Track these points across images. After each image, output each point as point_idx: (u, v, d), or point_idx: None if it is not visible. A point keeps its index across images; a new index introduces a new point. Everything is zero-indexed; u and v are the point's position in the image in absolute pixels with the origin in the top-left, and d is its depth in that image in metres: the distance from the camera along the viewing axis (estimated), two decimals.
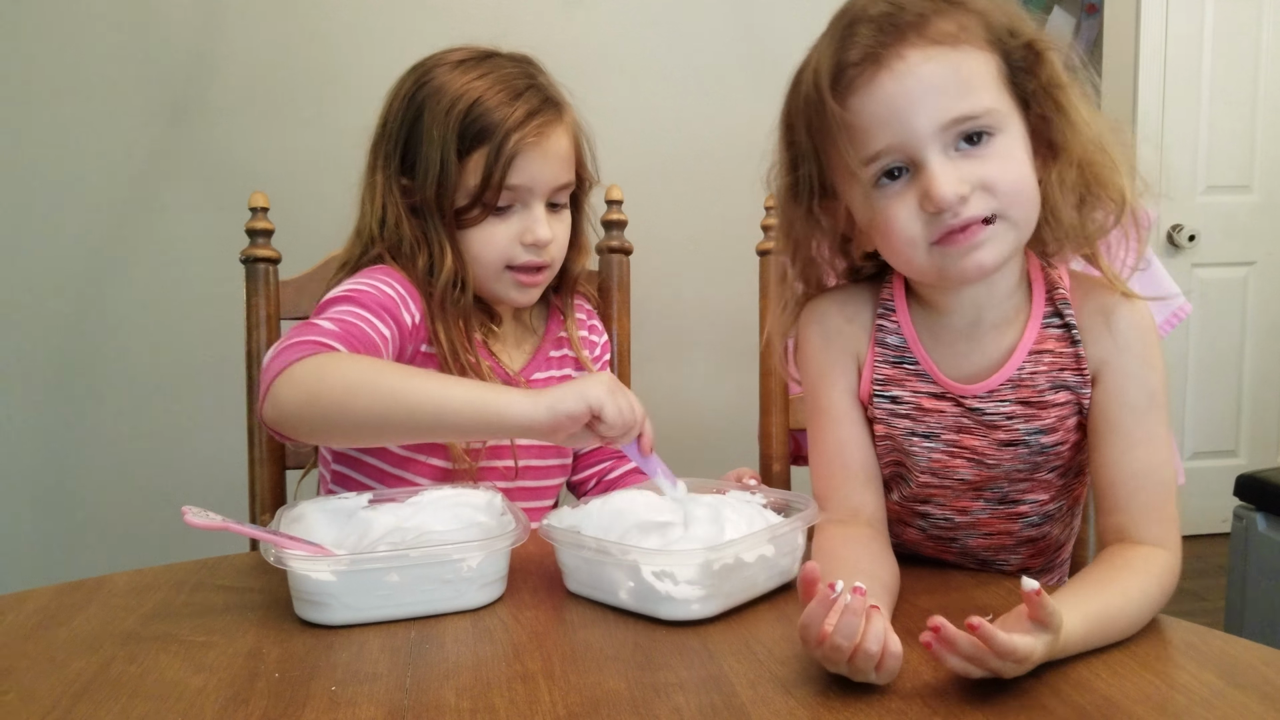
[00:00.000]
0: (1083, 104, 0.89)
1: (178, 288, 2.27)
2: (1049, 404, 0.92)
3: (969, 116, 0.84)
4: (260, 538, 0.89)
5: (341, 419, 0.93)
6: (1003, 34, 0.86)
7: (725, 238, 1.99)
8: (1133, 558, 0.85)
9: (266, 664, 0.78)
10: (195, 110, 2.26)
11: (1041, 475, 0.96)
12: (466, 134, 1.10)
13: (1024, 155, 0.87)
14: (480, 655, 0.79)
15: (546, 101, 1.14)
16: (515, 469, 1.17)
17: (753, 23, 2.47)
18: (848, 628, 0.68)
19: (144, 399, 2.29)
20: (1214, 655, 0.78)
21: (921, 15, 0.84)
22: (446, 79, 1.12)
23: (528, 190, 1.12)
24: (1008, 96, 0.87)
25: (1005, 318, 0.94)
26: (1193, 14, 3.32)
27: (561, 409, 0.90)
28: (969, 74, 0.84)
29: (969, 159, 0.85)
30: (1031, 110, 0.89)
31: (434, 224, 1.12)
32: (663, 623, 0.85)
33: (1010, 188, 0.85)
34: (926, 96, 0.83)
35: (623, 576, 0.86)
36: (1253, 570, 2.22)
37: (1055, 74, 0.88)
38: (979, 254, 0.86)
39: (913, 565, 0.97)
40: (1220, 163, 3.41)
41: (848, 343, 0.99)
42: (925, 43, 0.83)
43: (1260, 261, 3.48)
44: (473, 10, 2.28)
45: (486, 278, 1.15)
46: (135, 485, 2.29)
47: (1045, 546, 1.03)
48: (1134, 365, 0.90)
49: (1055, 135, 0.89)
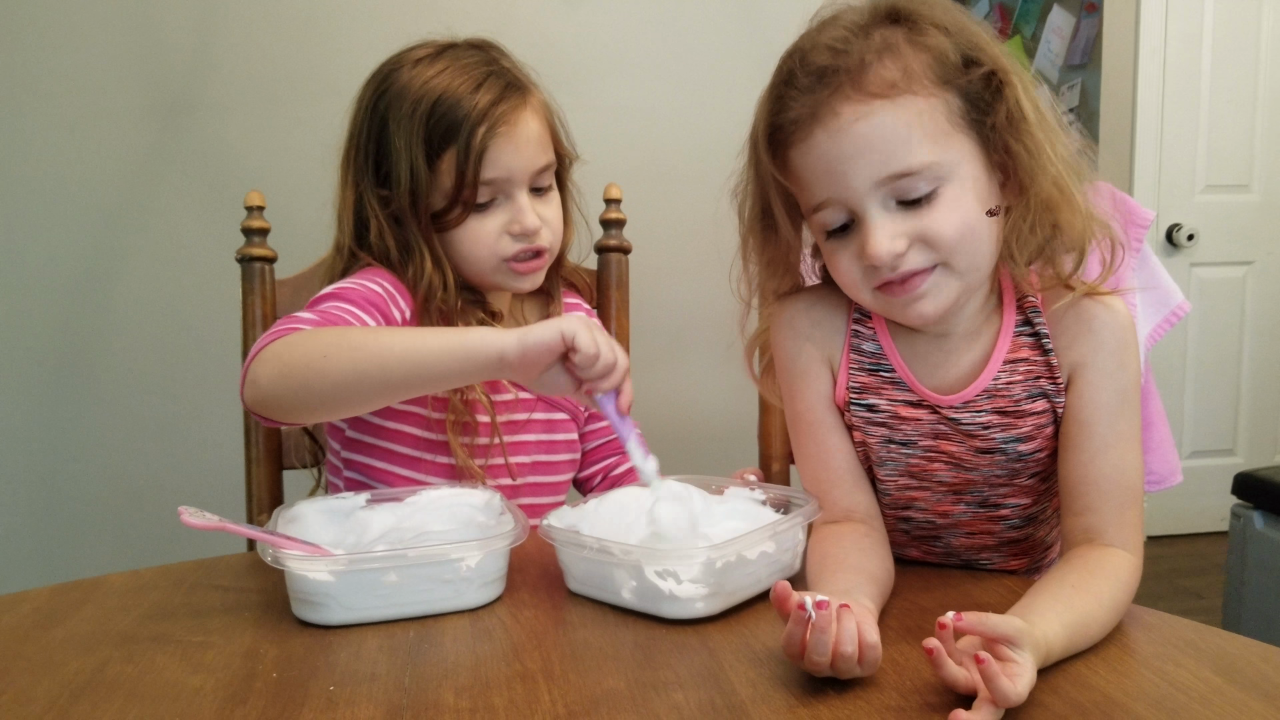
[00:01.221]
0: (1050, 136, 0.86)
1: (174, 287, 2.27)
2: (1025, 413, 0.92)
3: (905, 173, 0.82)
4: (258, 538, 0.88)
5: (318, 384, 0.91)
6: (956, 70, 0.83)
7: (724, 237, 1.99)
8: (1103, 562, 0.85)
9: (264, 664, 0.77)
10: (192, 109, 2.26)
11: (1021, 480, 0.96)
12: (433, 135, 1.08)
13: (971, 202, 0.85)
14: (479, 655, 0.79)
15: (509, 87, 1.11)
16: (508, 467, 1.16)
17: (754, 21, 2.47)
18: (819, 645, 0.69)
19: (140, 398, 2.29)
20: (1212, 652, 0.78)
21: (862, 62, 0.82)
22: (406, 80, 1.10)
23: (506, 181, 1.10)
24: (962, 136, 0.84)
25: (975, 328, 0.93)
26: (1192, 13, 3.32)
27: (531, 338, 0.88)
28: (907, 129, 0.82)
29: (908, 211, 0.84)
30: (994, 144, 0.86)
31: (414, 232, 1.10)
32: (663, 621, 0.84)
33: (950, 240, 0.84)
34: (860, 155, 0.82)
35: (625, 576, 0.86)
36: (1250, 568, 2.22)
37: (1015, 107, 0.84)
38: (919, 305, 0.87)
39: (911, 564, 0.98)
40: (1219, 162, 3.41)
41: (818, 347, 0.98)
42: (862, 97, 0.82)
43: (1259, 261, 3.48)
44: (472, 9, 2.28)
45: (483, 273, 1.14)
46: (132, 485, 2.29)
47: (1029, 547, 1.03)
48: (1109, 365, 0.89)
49: (1020, 171, 0.86)
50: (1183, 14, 3.32)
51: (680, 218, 2.37)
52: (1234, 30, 3.35)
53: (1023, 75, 0.85)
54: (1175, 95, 3.35)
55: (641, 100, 2.45)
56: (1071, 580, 0.82)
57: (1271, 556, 2.16)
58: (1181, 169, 3.37)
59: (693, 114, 2.45)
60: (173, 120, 2.25)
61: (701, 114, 2.44)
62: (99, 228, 2.25)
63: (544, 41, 2.34)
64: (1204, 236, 3.39)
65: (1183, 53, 3.33)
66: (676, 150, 2.45)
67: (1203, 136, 3.39)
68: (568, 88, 1.20)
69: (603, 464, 1.28)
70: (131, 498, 2.28)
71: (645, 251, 1.55)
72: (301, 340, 0.93)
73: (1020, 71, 0.86)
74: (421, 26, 1.25)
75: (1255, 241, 3.47)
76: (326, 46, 2.27)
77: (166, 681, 0.75)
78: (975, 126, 0.84)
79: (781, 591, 0.71)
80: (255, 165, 2.24)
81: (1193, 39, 3.34)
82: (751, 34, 2.44)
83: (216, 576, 0.98)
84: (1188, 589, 3.04)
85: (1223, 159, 3.41)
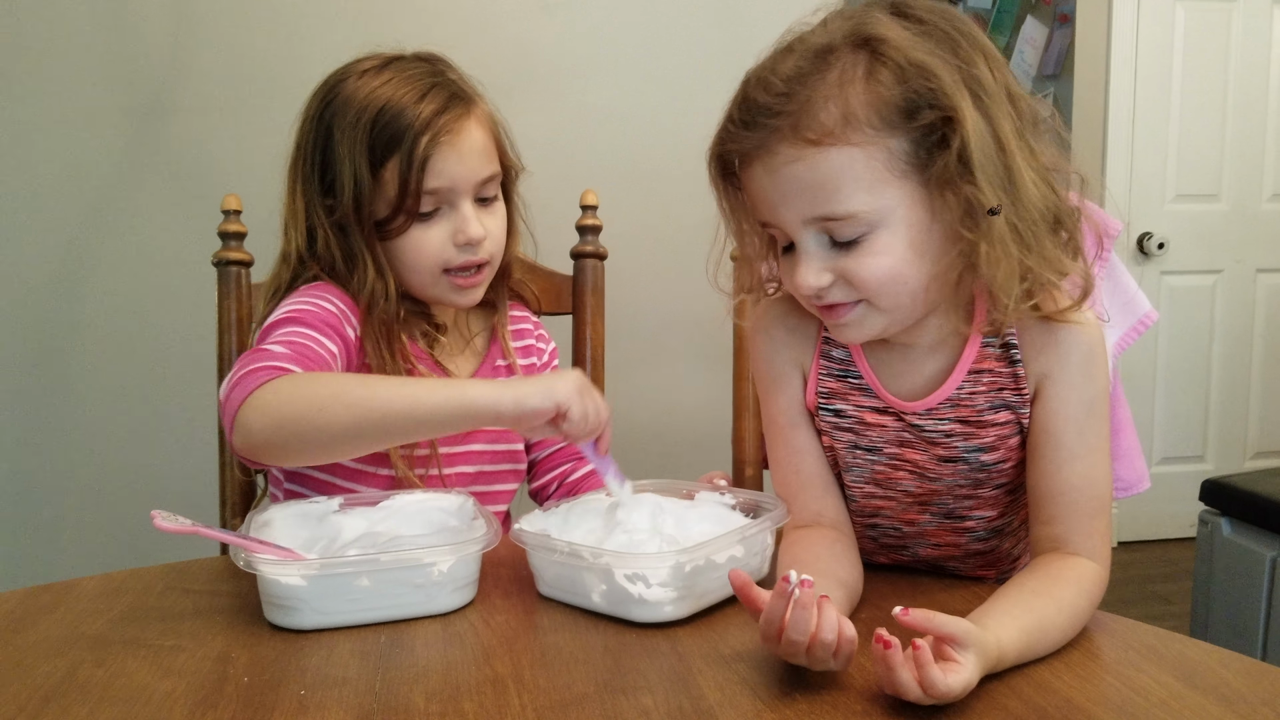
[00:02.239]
0: (1014, 175, 0.82)
1: (148, 289, 2.26)
2: (988, 423, 0.92)
3: (833, 218, 0.83)
4: (230, 542, 0.89)
5: (316, 436, 0.92)
6: (904, 114, 0.81)
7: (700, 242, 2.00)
8: (1066, 569, 0.86)
9: (236, 668, 0.78)
10: (168, 111, 2.25)
11: (986, 492, 0.97)
12: (376, 144, 1.08)
13: (901, 248, 0.83)
14: (450, 659, 0.80)
15: (453, 97, 1.12)
16: (441, 478, 1.16)
17: (731, 25, 2.48)
18: (801, 622, 0.70)
19: (114, 401, 2.27)
20: (1174, 658, 0.79)
21: (807, 104, 0.82)
22: (351, 91, 1.10)
23: (450, 190, 1.11)
24: (902, 182, 0.82)
25: (942, 338, 0.93)
26: (1163, 25, 3.37)
27: (528, 405, 0.91)
28: (839, 176, 0.81)
29: (837, 249, 0.84)
30: (947, 182, 0.82)
31: (358, 240, 1.11)
32: (633, 625, 0.85)
33: (872, 285, 0.84)
34: (793, 195, 0.83)
35: (595, 580, 0.87)
36: (1218, 574, 2.25)
37: (963, 152, 0.80)
38: (844, 331, 0.90)
39: (880, 571, 0.99)
40: (1189, 172, 3.46)
41: (792, 352, 0.99)
42: (798, 141, 0.82)
43: (1228, 269, 3.53)
44: (449, 13, 2.28)
45: (424, 284, 1.14)
46: (104, 487, 2.27)
47: (996, 559, 1.04)
48: (1075, 377, 0.89)
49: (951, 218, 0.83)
50: (1154, 25, 3.36)
51: (656, 222, 2.39)
52: (1204, 42, 3.40)
53: (991, 107, 0.82)
54: (1146, 105, 3.39)
55: (618, 104, 2.46)
56: (1032, 586, 0.83)
57: (1239, 563, 2.19)
58: (1152, 178, 3.41)
59: (669, 118, 2.46)
60: (149, 122, 2.24)
61: (678, 118, 2.44)
62: (74, 229, 2.24)
63: (520, 47, 2.35)
64: (1174, 245, 3.43)
65: (1154, 64, 3.38)
66: (653, 154, 2.45)
67: (1173, 146, 3.43)
68: (544, 92, 1.22)
69: (557, 471, 1.28)
70: (103, 500, 2.27)
71: (621, 256, 1.55)
72: (292, 390, 0.93)
73: (990, 101, 0.82)
74: (398, 30, 1.26)
75: (1224, 250, 3.51)
76: (304, 50, 2.27)
77: (137, 685, 0.75)
78: (920, 170, 0.82)
79: (738, 577, 0.74)
80: (231, 168, 2.23)
81: (1164, 50, 3.38)
82: (728, 38, 2.46)
83: (188, 580, 0.98)
84: (1157, 594, 3.08)
85: (1193, 168, 3.46)
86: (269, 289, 1.17)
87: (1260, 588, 2.12)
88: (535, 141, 1.29)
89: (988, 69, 0.83)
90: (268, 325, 1.06)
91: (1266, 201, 3.52)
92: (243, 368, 0.96)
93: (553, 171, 1.29)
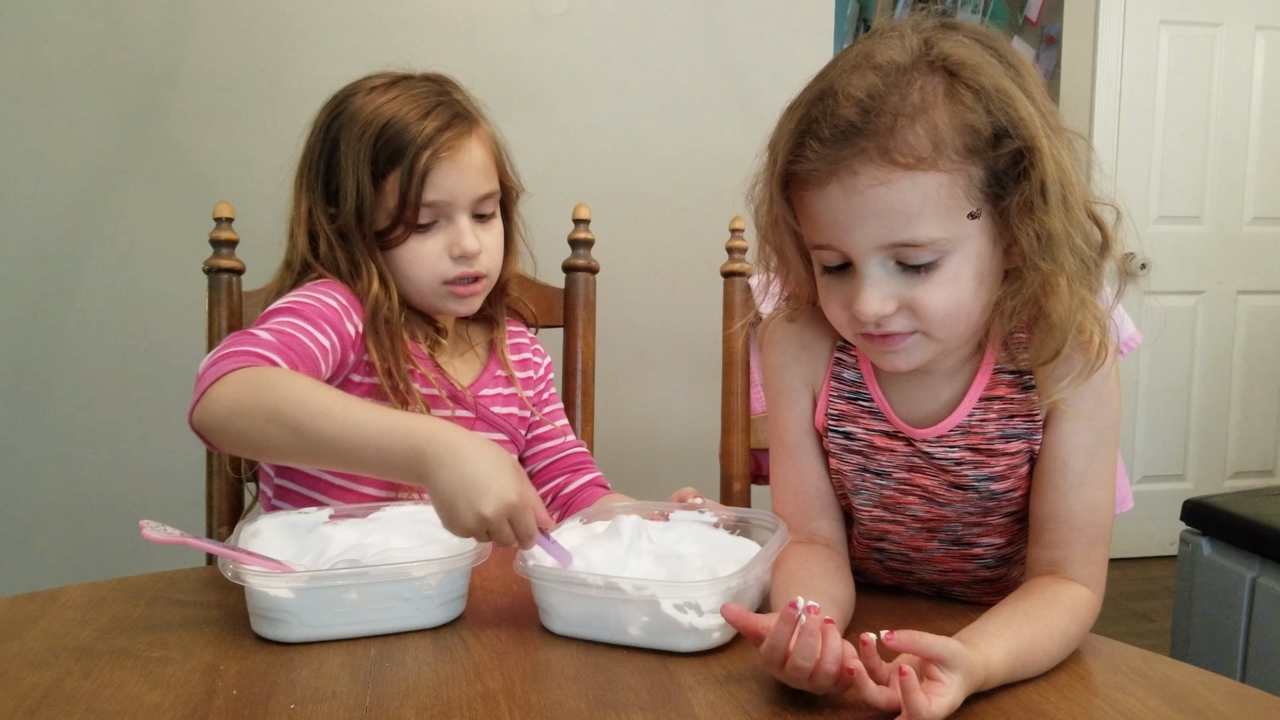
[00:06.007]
0: (1070, 225, 0.81)
1: (137, 295, 2.24)
2: (999, 452, 0.92)
3: (909, 244, 0.80)
4: (219, 553, 0.88)
5: (260, 442, 0.92)
6: (988, 141, 0.79)
7: (691, 258, 2.01)
8: (1062, 595, 0.86)
9: (224, 681, 0.77)
10: (160, 117, 2.24)
11: (994, 520, 0.96)
12: (380, 156, 1.11)
13: (968, 278, 0.83)
14: (440, 674, 0.79)
15: (457, 116, 1.15)
16: None
17: (722, 43, 2.49)
18: (807, 649, 0.70)
19: (102, 408, 2.25)
20: (1159, 680, 0.80)
21: (894, 121, 0.78)
22: (359, 105, 1.14)
23: (448, 204, 1.14)
24: (977, 208, 0.81)
25: (956, 365, 0.92)
26: (1148, 48, 3.41)
27: (458, 524, 0.85)
28: (923, 203, 0.79)
29: (905, 275, 0.82)
30: (1008, 218, 0.82)
31: (360, 248, 1.14)
32: (676, 654, 0.82)
33: (937, 314, 0.83)
34: (871, 219, 0.80)
35: (635, 612, 0.83)
36: (1198, 593, 2.27)
37: (1039, 191, 0.80)
38: (893, 358, 0.87)
39: (874, 592, 0.99)
40: (1172, 193, 3.49)
41: (803, 371, 0.98)
42: (883, 162, 0.78)
43: (1209, 291, 3.56)
44: (442, 27, 2.28)
45: (423, 294, 1.17)
46: (91, 496, 2.25)
47: (1003, 587, 1.02)
48: (1089, 404, 0.89)
49: (1024, 251, 0.82)
50: (1139, 48, 3.40)
51: (647, 237, 2.40)
52: (1188, 66, 3.44)
53: (1055, 146, 0.81)
54: (1130, 127, 3.43)
55: (609, 120, 2.46)
56: (1025, 608, 0.83)
57: (1218, 582, 2.21)
58: (1135, 199, 3.44)
59: (661, 135, 2.46)
60: (140, 128, 2.23)
61: (669, 135, 2.46)
62: (64, 235, 2.22)
63: (513, 62, 2.35)
64: (1156, 266, 3.46)
65: (1138, 86, 3.42)
66: (644, 170, 2.46)
67: (1156, 168, 3.47)
68: (536, 108, 1.22)
69: (552, 484, 1.27)
70: (90, 508, 2.25)
71: (612, 270, 1.56)
72: (258, 388, 0.92)
73: (1055, 133, 0.81)
74: (391, 42, 1.26)
75: (1206, 271, 3.55)
76: (296, 59, 2.27)
77: (125, 697, 0.74)
78: (992, 200, 0.81)
79: (729, 611, 0.76)
80: (222, 175, 2.23)
81: (1148, 73, 3.42)
82: (718, 55, 2.46)
83: (176, 590, 0.97)
84: (1138, 612, 3.10)
85: (1175, 190, 3.49)
86: (271, 292, 1.19)
87: (1240, 607, 2.13)
88: (527, 156, 1.29)
89: (1045, 98, 0.83)
90: (266, 312, 1.08)
91: (1248, 224, 3.56)
92: (226, 348, 0.97)
93: (545, 185, 1.30)
